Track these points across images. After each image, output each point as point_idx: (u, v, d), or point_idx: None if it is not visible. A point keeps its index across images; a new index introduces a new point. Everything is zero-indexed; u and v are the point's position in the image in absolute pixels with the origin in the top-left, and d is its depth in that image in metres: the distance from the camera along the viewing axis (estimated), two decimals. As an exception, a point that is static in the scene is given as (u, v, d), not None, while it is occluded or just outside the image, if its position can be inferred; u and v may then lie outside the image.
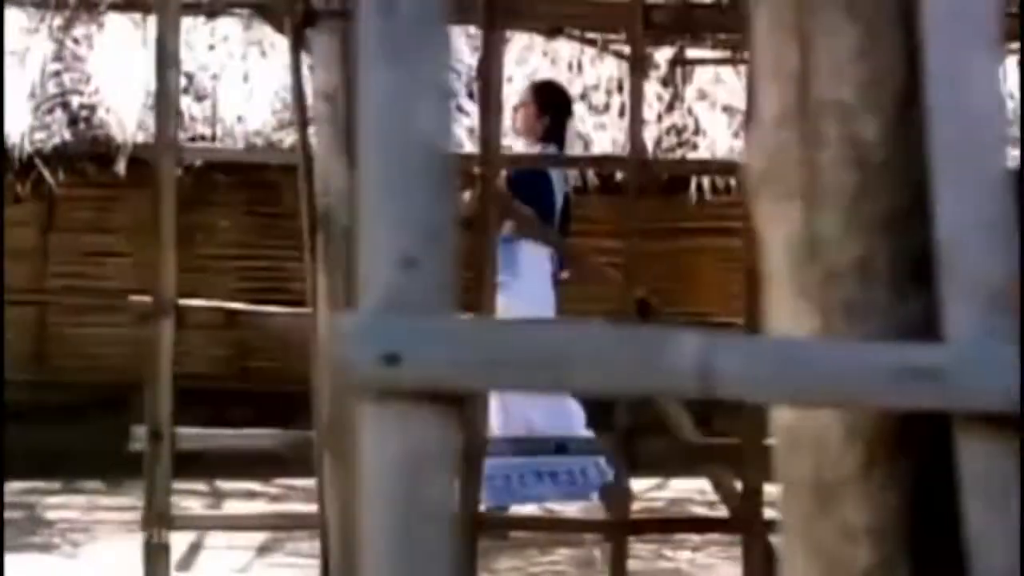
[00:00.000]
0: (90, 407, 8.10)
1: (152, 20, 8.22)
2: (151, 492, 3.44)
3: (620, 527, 3.71)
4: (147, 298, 4.05)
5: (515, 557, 5.59)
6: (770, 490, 3.45)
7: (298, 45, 3.32)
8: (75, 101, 8.14)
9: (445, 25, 1.38)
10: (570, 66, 8.87)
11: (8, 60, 8.30)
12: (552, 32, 7.55)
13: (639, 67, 3.92)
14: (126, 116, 8.10)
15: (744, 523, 3.71)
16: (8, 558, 5.50)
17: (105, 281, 8.40)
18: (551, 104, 6.00)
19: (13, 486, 7.00)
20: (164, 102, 3.45)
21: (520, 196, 5.22)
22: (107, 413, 8.08)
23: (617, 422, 3.56)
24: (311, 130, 3.37)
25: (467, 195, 6.66)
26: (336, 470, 3.17)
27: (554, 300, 5.90)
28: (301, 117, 3.39)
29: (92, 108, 8.09)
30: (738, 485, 3.88)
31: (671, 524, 5.33)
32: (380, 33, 1.36)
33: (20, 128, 7.83)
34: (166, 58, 3.43)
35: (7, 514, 6.36)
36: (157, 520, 3.41)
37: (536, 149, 5.94)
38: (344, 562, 3.09)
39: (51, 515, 6.33)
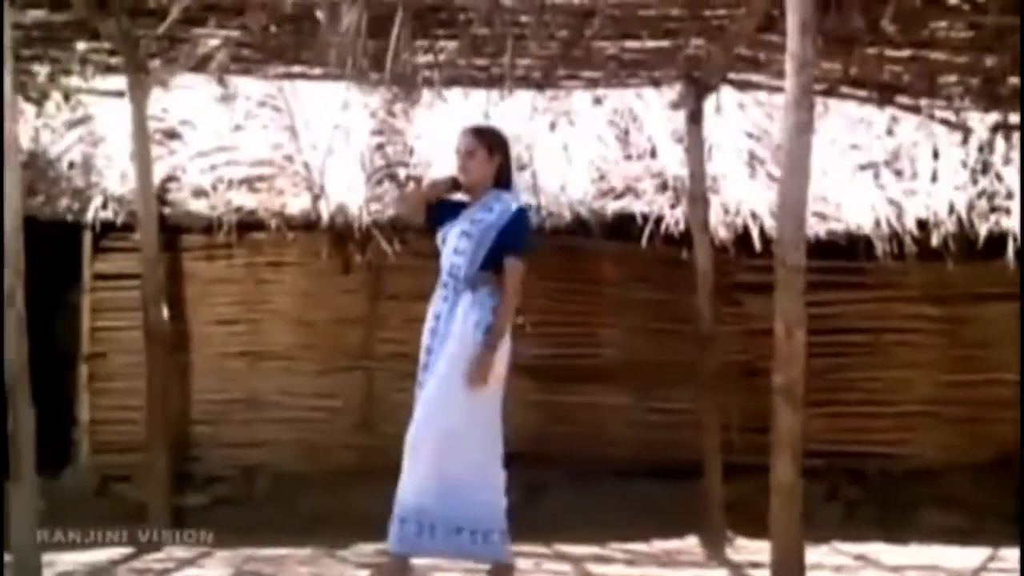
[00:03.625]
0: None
1: (460, 92, 8.45)
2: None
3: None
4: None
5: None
6: None
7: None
8: (401, 173, 8.38)
9: None
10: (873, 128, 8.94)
11: (334, 134, 8.62)
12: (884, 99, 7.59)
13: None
14: (450, 186, 8.31)
15: None
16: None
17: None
18: (497, 145, 5.65)
19: (366, 548, 7.15)
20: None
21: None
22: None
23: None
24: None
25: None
26: None
27: None
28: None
29: (418, 180, 8.32)
30: None
31: None
32: None
33: (358, 201, 8.08)
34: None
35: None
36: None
37: (489, 194, 5.58)
38: None
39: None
